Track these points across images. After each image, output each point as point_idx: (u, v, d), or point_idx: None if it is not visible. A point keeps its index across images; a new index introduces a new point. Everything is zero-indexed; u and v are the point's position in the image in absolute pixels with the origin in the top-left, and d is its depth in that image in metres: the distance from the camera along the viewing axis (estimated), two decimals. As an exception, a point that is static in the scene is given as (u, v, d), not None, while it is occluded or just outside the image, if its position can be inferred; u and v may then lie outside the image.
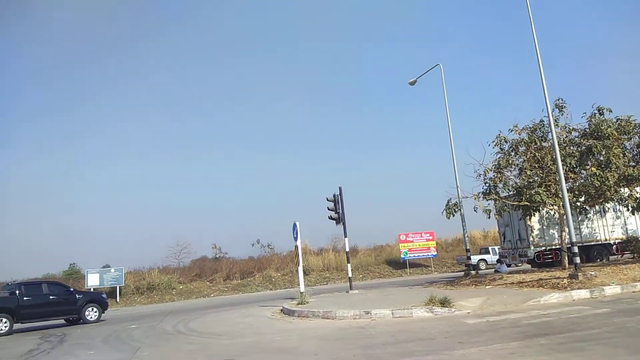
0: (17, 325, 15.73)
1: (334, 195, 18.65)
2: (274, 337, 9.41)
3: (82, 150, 72.11)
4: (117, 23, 73.59)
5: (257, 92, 77.84)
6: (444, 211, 17.62)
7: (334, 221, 18.66)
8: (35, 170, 67.41)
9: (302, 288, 15.81)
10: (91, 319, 17.14)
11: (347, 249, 19.60)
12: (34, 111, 67.80)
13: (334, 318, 11.30)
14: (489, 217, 17.43)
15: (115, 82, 72.99)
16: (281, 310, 14.33)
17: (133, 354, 8.71)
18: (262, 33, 77.96)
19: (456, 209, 17.90)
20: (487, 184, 17.31)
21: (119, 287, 28.66)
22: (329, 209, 18.66)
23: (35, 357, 9.50)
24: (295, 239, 16.41)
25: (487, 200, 17.42)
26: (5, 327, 15.22)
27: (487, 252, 30.46)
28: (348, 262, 19.45)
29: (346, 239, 19.09)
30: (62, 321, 17.37)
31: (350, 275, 19.30)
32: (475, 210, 17.23)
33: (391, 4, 74.69)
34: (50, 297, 16.63)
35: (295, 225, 16.39)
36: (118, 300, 28.17)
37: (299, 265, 16.48)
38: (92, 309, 17.38)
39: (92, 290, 25.96)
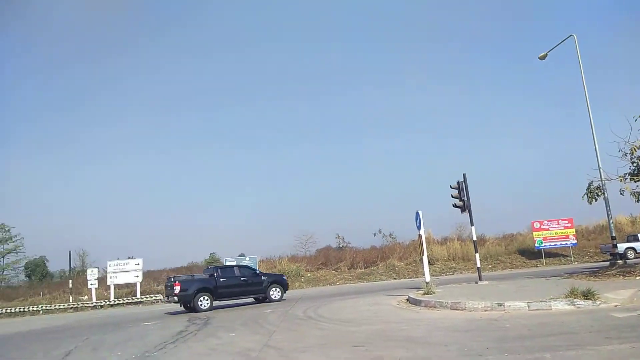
0: (215, 303, 18.11)
1: (458, 182, 18.01)
2: (400, 326, 9.39)
3: (220, 152, 78.31)
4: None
5: (369, 75, 77.89)
6: (585, 195, 16.17)
7: (459, 209, 18.04)
8: (182, 172, 74.68)
9: (427, 278, 15.55)
10: (275, 298, 18.89)
11: (475, 238, 18.78)
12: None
13: (463, 309, 10.94)
14: (638, 201, 15.59)
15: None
16: (407, 299, 14.24)
17: (269, 337, 9.28)
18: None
19: (599, 193, 16.33)
20: (635, 164, 15.46)
21: (253, 274, 30.63)
22: (453, 197, 18.08)
23: (185, 337, 10.57)
24: (419, 227, 16.15)
25: (635, 181, 15.58)
26: (207, 304, 17.52)
27: (637, 240, 27.29)
28: (476, 251, 18.68)
29: (473, 227, 18.34)
30: (252, 299, 19.49)
31: (478, 265, 18.53)
32: (621, 194, 15.55)
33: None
34: (241, 278, 18.71)
35: (417, 214, 16.13)
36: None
37: (423, 255, 16.21)
38: (276, 289, 19.16)
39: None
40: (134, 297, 30.60)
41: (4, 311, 30.39)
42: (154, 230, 69.95)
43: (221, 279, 18.23)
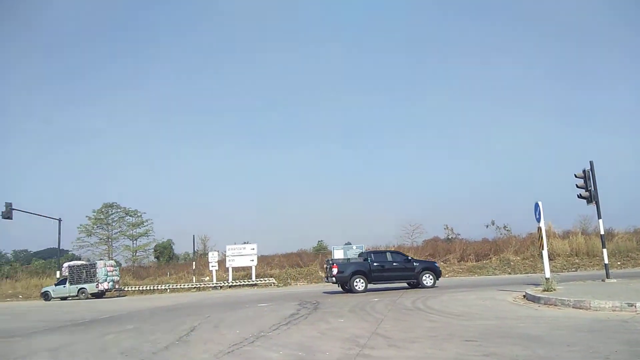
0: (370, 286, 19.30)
1: (584, 171, 16.56)
2: (517, 323, 8.92)
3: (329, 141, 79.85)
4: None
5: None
6: None
7: (584, 200, 16.59)
8: (293, 162, 77.42)
9: (547, 274, 14.56)
10: (427, 285, 19.25)
11: (602, 232, 17.15)
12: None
13: (588, 308, 10.10)
14: None
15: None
16: (524, 295, 13.49)
17: (377, 325, 9.33)
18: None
19: None
20: None
21: (361, 262, 30.88)
22: (577, 187, 16.68)
23: (297, 320, 11.00)
24: (538, 220, 15.14)
25: None
26: (362, 286, 18.79)
27: None
28: (603, 246, 17.05)
29: (600, 220, 16.76)
30: (404, 284, 20.19)
31: (606, 261, 16.89)
32: None
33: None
34: (394, 263, 19.52)
35: (537, 205, 15.12)
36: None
37: (543, 249, 15.17)
38: (429, 276, 19.51)
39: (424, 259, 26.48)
40: (249, 280, 32.44)
41: (137, 288, 33.96)
42: (266, 217, 73.56)
43: (374, 263, 19.20)
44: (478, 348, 6.66)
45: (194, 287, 32.96)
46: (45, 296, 31.15)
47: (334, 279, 19.23)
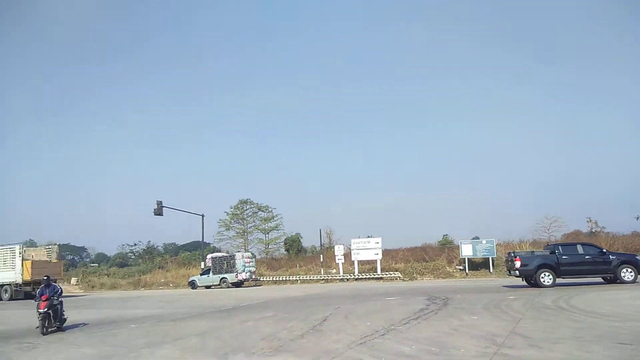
0: (558, 280, 18.19)
1: None
2: (680, 327, 7.93)
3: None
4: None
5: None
6: None
7: None
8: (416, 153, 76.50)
9: None
10: (627, 280, 17.62)
11: None
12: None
13: None
14: None
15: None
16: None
17: (516, 324, 8.89)
18: None
19: None
20: None
21: (492, 258, 29.48)
22: None
23: (426, 315, 10.91)
24: None
25: None
26: (550, 280, 17.92)
27: None
28: None
29: None
30: (599, 279, 18.79)
31: None
32: None
33: None
34: (585, 257, 18.17)
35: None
36: (491, 271, 29.07)
37: None
38: (628, 270, 17.83)
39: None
40: (375, 273, 32.68)
41: (270, 279, 36.08)
42: (389, 211, 73.57)
43: (563, 256, 18.10)
44: (633, 352, 6.08)
45: (322, 279, 34.05)
46: (192, 285, 34.37)
47: (517, 272, 18.36)
